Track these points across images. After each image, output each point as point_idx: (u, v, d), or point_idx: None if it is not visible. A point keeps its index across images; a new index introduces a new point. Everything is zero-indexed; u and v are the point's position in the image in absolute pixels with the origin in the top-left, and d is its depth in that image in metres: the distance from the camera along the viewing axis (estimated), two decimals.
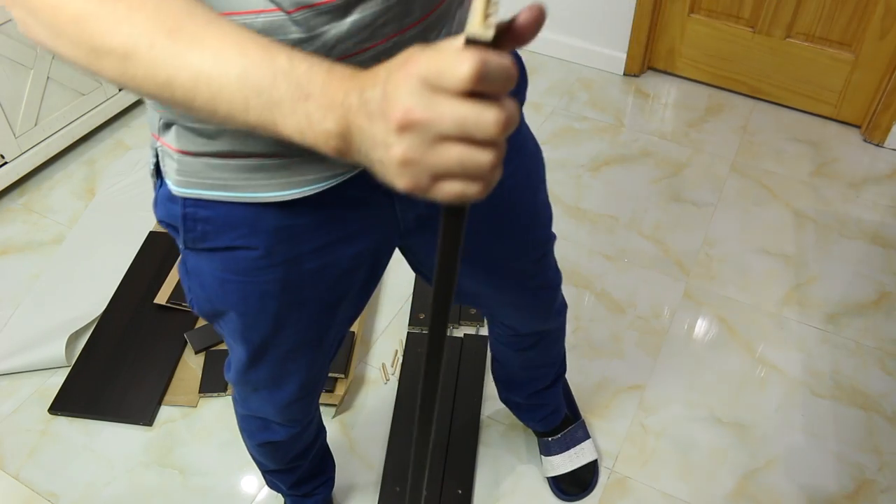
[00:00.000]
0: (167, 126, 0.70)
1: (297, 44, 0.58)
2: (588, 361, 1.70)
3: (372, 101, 0.43)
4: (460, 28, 0.71)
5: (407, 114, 0.40)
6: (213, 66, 0.47)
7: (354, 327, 1.70)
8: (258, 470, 1.35)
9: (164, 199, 0.75)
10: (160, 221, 0.78)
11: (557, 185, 2.14)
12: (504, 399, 1.46)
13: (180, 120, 0.68)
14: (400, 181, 0.43)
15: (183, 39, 0.48)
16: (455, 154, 0.41)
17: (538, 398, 1.39)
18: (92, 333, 1.74)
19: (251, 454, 1.21)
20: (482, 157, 0.41)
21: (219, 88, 0.48)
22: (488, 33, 0.40)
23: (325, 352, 0.94)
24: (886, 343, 1.73)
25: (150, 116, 0.73)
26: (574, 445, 1.47)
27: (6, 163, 2.07)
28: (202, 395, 1.63)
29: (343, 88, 0.45)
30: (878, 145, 2.27)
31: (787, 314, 1.80)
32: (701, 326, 1.77)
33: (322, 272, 0.80)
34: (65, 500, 1.47)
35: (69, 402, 1.62)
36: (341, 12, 0.58)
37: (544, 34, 2.61)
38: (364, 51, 0.62)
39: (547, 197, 0.99)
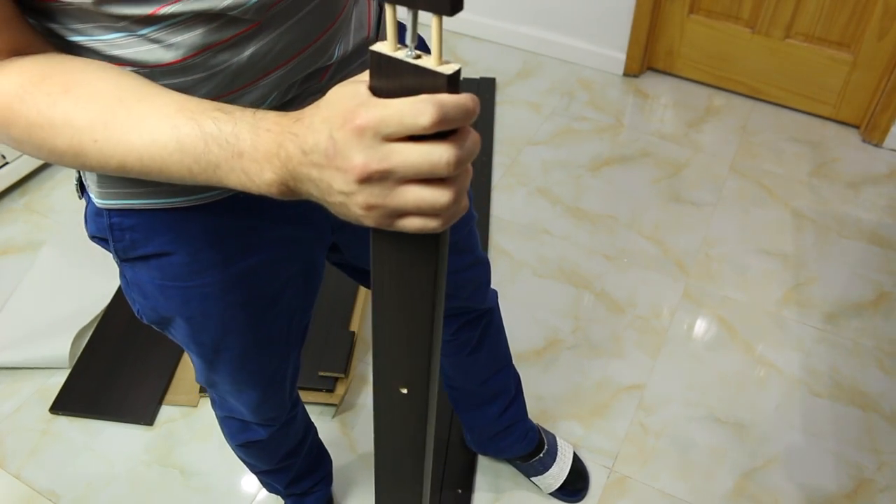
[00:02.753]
0: None
1: (200, 82, 0.61)
2: (588, 361, 1.70)
3: (315, 153, 0.45)
4: (357, 42, 0.72)
5: (365, 168, 0.43)
6: (151, 146, 0.51)
7: (354, 327, 1.71)
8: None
9: (92, 215, 0.76)
10: (92, 237, 0.78)
11: (557, 185, 2.15)
12: (480, 442, 1.41)
13: None
14: (365, 221, 0.46)
15: (119, 128, 0.52)
16: (412, 196, 0.44)
17: (510, 416, 1.35)
18: (93, 333, 1.75)
19: (238, 456, 1.21)
20: (439, 197, 0.44)
21: (162, 162, 0.51)
22: (450, 68, 0.42)
23: (281, 349, 0.94)
24: (885, 342, 1.74)
25: None
26: (556, 449, 1.46)
27: (7, 163, 2.07)
28: (202, 394, 1.64)
29: (275, 140, 0.47)
30: (876, 145, 2.28)
31: (785, 314, 1.80)
32: (700, 326, 1.77)
33: (257, 270, 0.80)
34: (65, 499, 1.48)
35: (70, 401, 1.62)
36: (238, 48, 0.61)
37: (545, 34, 2.62)
38: (267, 75, 0.64)
39: None
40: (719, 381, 1.66)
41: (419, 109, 0.41)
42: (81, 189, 0.77)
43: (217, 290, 0.79)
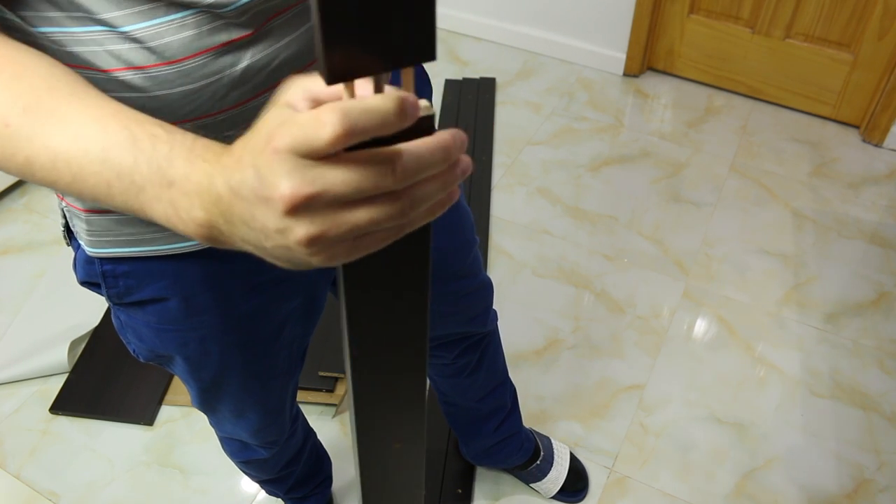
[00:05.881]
0: None
1: (188, 95, 0.57)
2: (588, 361, 1.70)
3: (244, 187, 0.37)
4: None
5: (294, 192, 0.35)
6: (71, 146, 0.44)
7: None
8: None
9: (82, 262, 0.72)
10: (82, 283, 0.74)
11: (557, 185, 2.15)
12: (476, 454, 1.40)
13: None
14: (314, 260, 0.38)
15: (40, 117, 0.44)
16: (363, 215, 0.36)
17: (507, 428, 1.34)
18: (93, 333, 1.74)
19: (240, 469, 1.20)
20: (392, 209, 0.36)
21: (79, 170, 0.44)
22: (426, 110, 0.36)
23: (282, 378, 0.92)
24: (885, 342, 1.73)
25: None
26: (553, 452, 1.45)
27: None
28: None
29: (207, 172, 0.40)
30: (876, 145, 2.28)
31: (786, 314, 1.80)
32: (700, 326, 1.77)
33: (258, 311, 0.78)
34: (65, 499, 1.48)
35: (70, 401, 1.62)
36: (230, 58, 0.57)
37: (545, 34, 2.62)
38: (263, 93, 0.60)
39: (465, 201, 0.98)
40: (719, 381, 1.66)
41: (319, 122, 0.33)
42: (69, 236, 0.72)
43: (216, 332, 0.77)
